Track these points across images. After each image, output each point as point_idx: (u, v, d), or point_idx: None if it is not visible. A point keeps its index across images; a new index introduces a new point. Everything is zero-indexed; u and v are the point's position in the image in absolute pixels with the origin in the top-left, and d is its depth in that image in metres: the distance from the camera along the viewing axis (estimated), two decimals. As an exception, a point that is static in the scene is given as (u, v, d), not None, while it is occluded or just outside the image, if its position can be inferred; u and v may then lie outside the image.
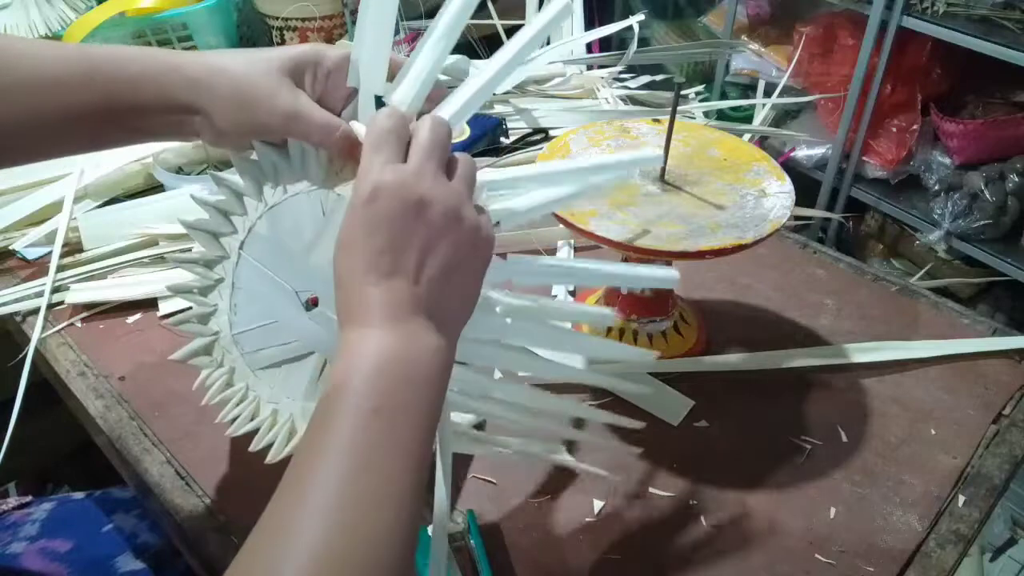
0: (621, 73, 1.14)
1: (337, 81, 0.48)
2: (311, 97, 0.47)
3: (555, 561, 0.56)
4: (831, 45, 1.71)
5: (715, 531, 0.58)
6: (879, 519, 0.58)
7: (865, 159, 1.73)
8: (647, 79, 1.15)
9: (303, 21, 1.21)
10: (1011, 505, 1.51)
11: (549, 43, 1.13)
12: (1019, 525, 1.52)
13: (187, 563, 0.62)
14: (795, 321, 0.77)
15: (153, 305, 0.76)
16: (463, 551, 0.55)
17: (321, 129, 0.46)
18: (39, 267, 0.80)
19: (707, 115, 1.12)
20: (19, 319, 0.76)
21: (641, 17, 1.12)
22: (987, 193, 1.52)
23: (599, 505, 0.59)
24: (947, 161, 1.63)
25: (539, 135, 1.02)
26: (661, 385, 0.69)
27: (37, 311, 0.75)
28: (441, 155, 0.42)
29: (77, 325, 0.75)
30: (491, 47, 1.24)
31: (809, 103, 1.80)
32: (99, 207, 0.86)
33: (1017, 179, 1.52)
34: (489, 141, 0.98)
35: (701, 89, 1.20)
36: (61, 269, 0.79)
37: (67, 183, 0.85)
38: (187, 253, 0.55)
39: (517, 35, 0.48)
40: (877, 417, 0.67)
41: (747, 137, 0.94)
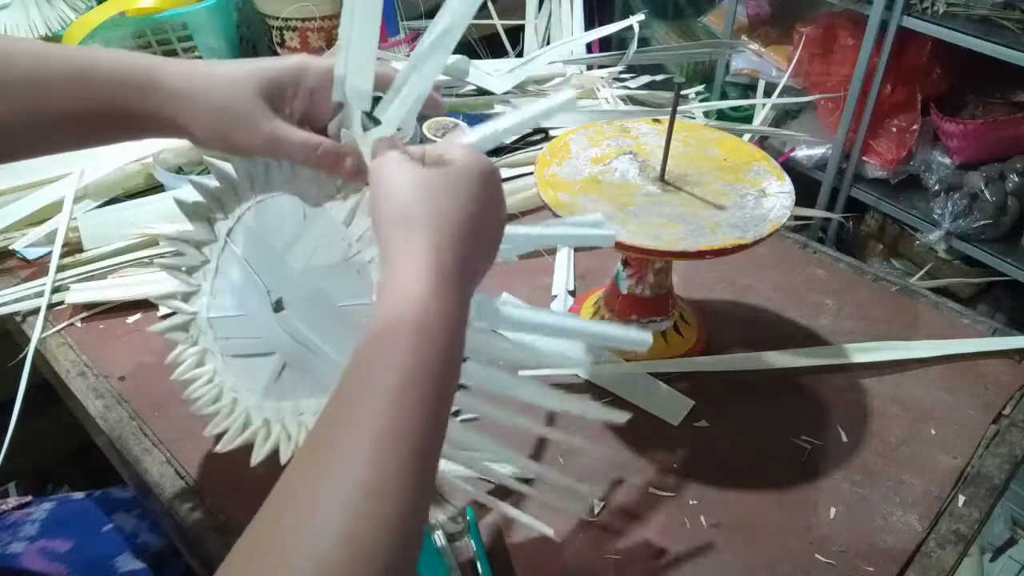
0: (621, 73, 1.14)
1: (322, 96, 0.48)
2: (294, 115, 0.48)
3: (555, 561, 0.56)
4: (831, 45, 1.71)
5: (715, 531, 0.58)
6: (879, 519, 0.58)
7: (865, 159, 1.73)
8: (647, 79, 1.15)
9: (303, 21, 1.21)
10: (1011, 505, 1.51)
11: (549, 43, 1.13)
12: (1019, 525, 1.52)
13: (187, 563, 0.62)
14: (795, 321, 0.77)
15: (153, 305, 0.76)
16: (463, 551, 0.55)
17: (301, 148, 0.47)
18: (39, 267, 0.80)
19: (707, 115, 1.12)
20: (19, 319, 0.76)
21: (641, 17, 1.12)
22: (987, 193, 1.52)
23: (599, 505, 0.59)
24: (947, 161, 1.63)
25: (539, 135, 1.02)
26: (661, 385, 0.69)
27: (37, 311, 0.75)
28: None
29: (77, 325, 0.75)
30: (491, 47, 1.24)
31: (809, 103, 1.80)
32: (99, 207, 0.86)
33: (1017, 179, 1.52)
34: (489, 141, 0.98)
35: (701, 89, 1.20)
36: (61, 269, 0.79)
37: (67, 183, 0.85)
38: (181, 231, 0.56)
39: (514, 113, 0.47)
40: (877, 417, 0.67)
41: (747, 137, 0.94)
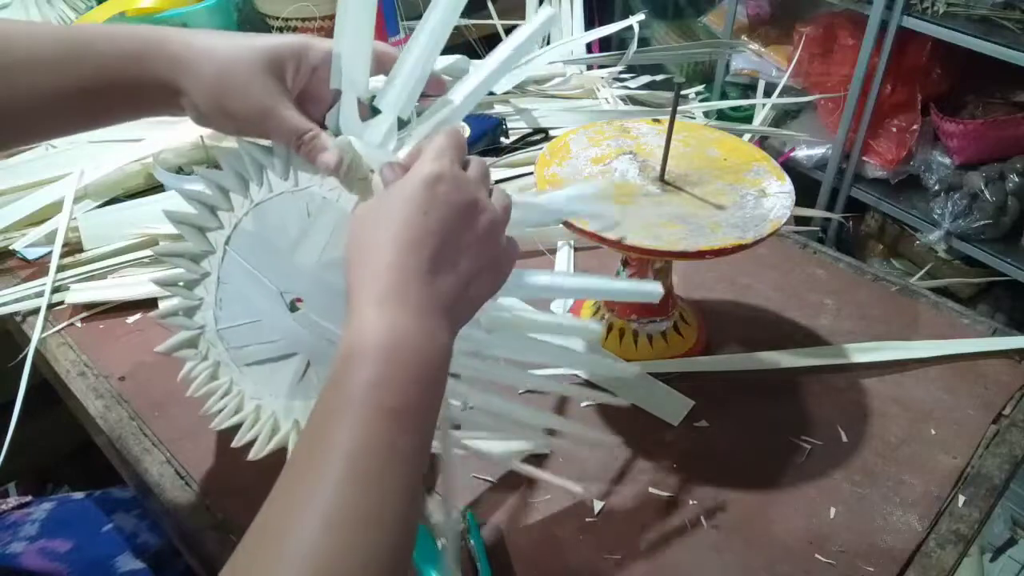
0: (621, 73, 1.14)
1: (323, 75, 0.48)
2: (292, 91, 0.47)
3: (555, 561, 0.56)
4: (831, 45, 1.71)
5: (715, 531, 0.58)
6: (879, 519, 0.58)
7: (865, 159, 1.73)
8: (647, 79, 1.15)
9: (303, 21, 1.21)
10: (1011, 505, 1.51)
11: (549, 43, 1.13)
12: (1019, 525, 1.52)
13: (187, 563, 0.62)
14: (795, 321, 0.77)
15: (153, 305, 0.76)
16: (463, 551, 0.55)
17: (288, 131, 0.46)
18: (39, 267, 0.80)
19: (707, 115, 1.12)
20: (19, 319, 0.76)
21: (641, 17, 1.12)
22: (987, 193, 1.52)
23: (599, 505, 0.59)
24: (947, 161, 1.63)
25: (539, 135, 1.02)
26: (661, 385, 0.69)
27: (37, 311, 0.75)
28: (488, 180, 0.44)
29: (77, 325, 0.75)
30: (491, 47, 1.24)
31: (809, 103, 1.80)
32: (99, 207, 0.86)
33: (1017, 179, 1.52)
34: (489, 141, 0.98)
35: (701, 89, 1.20)
36: (61, 269, 0.79)
37: (67, 183, 0.85)
38: (173, 246, 0.55)
39: (500, 46, 0.47)
40: (877, 417, 0.67)
41: (747, 137, 0.94)
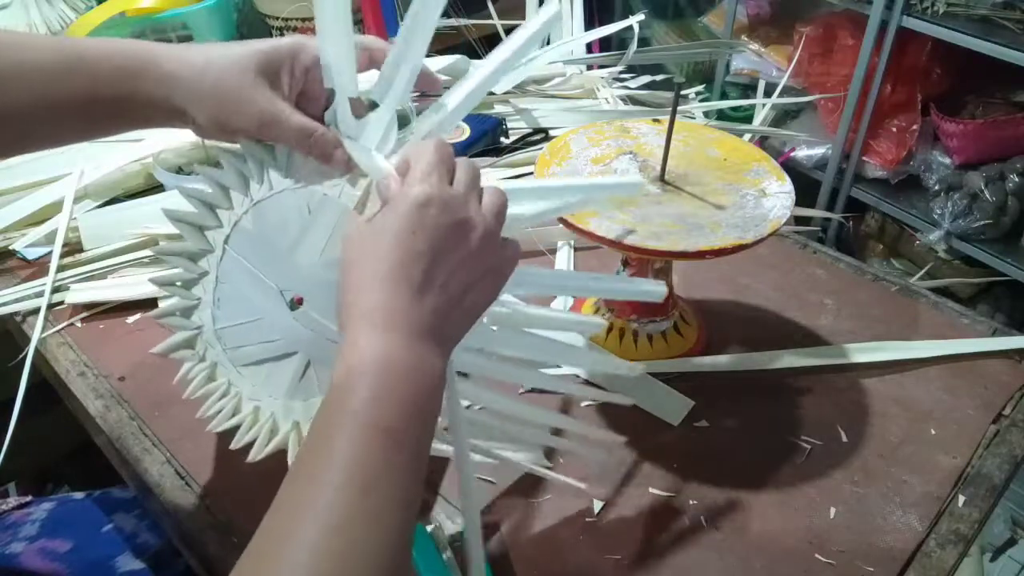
0: (621, 73, 1.14)
1: (318, 75, 0.47)
2: (289, 94, 0.47)
3: (555, 561, 0.56)
4: (831, 45, 1.71)
5: (715, 531, 0.58)
6: (879, 519, 0.58)
7: (865, 159, 1.73)
8: (647, 79, 1.15)
9: (303, 21, 1.21)
10: (1011, 505, 1.51)
11: (549, 43, 1.13)
12: (1019, 525, 1.52)
13: (187, 563, 0.62)
14: (795, 321, 0.77)
15: (153, 305, 0.76)
16: (463, 551, 0.55)
17: (297, 133, 0.46)
18: (39, 267, 0.80)
19: (707, 115, 1.12)
20: (19, 319, 0.76)
21: (641, 17, 1.12)
22: (987, 193, 1.52)
23: (599, 505, 0.59)
24: (947, 161, 1.63)
25: (539, 135, 1.02)
26: (661, 385, 0.69)
27: (37, 311, 0.75)
28: (478, 188, 0.43)
29: (77, 325, 0.75)
30: (491, 47, 1.24)
31: (809, 103, 1.80)
32: (99, 207, 0.86)
33: (1017, 179, 1.52)
34: (489, 141, 0.98)
35: (701, 89, 1.20)
36: (61, 269, 0.79)
37: (67, 183, 0.85)
38: (171, 245, 0.55)
39: (496, 51, 0.47)
40: (877, 417, 0.67)
41: (747, 137, 0.94)
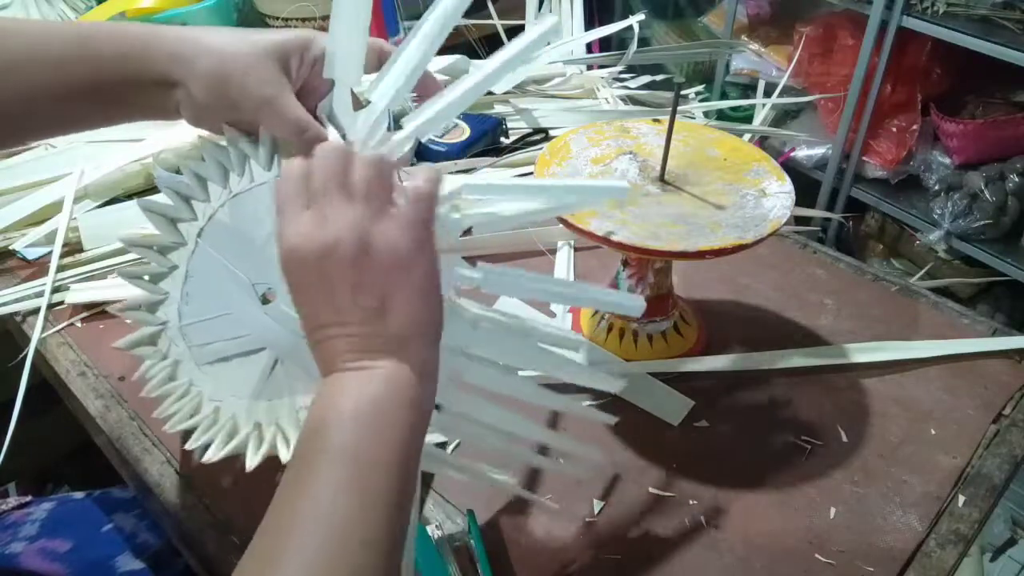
0: (621, 73, 1.14)
1: (322, 69, 0.47)
2: (294, 83, 0.47)
3: (555, 561, 0.56)
4: (831, 45, 1.71)
5: (715, 531, 0.58)
6: (879, 519, 0.58)
7: (865, 159, 1.74)
8: (647, 79, 1.15)
9: (303, 21, 1.21)
10: (1011, 505, 1.52)
11: (549, 43, 1.13)
12: (1019, 525, 1.53)
13: (187, 563, 0.62)
14: (795, 321, 0.77)
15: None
16: (463, 551, 0.55)
17: (292, 125, 0.46)
18: (39, 267, 0.80)
19: (707, 115, 1.12)
20: (19, 319, 0.76)
21: (641, 17, 1.12)
22: (987, 193, 1.52)
23: (599, 505, 0.59)
24: (947, 161, 1.63)
25: (539, 135, 1.02)
26: (661, 385, 0.69)
27: (37, 311, 0.75)
28: (338, 181, 0.40)
29: (77, 325, 0.75)
30: (491, 47, 1.24)
31: (809, 103, 1.80)
32: (99, 207, 0.86)
33: (1017, 179, 1.52)
34: (489, 141, 0.98)
35: (701, 89, 1.20)
36: (61, 269, 0.79)
37: (67, 183, 0.85)
38: (140, 236, 0.53)
39: (493, 58, 0.46)
40: (877, 417, 0.67)
41: (747, 137, 0.94)
